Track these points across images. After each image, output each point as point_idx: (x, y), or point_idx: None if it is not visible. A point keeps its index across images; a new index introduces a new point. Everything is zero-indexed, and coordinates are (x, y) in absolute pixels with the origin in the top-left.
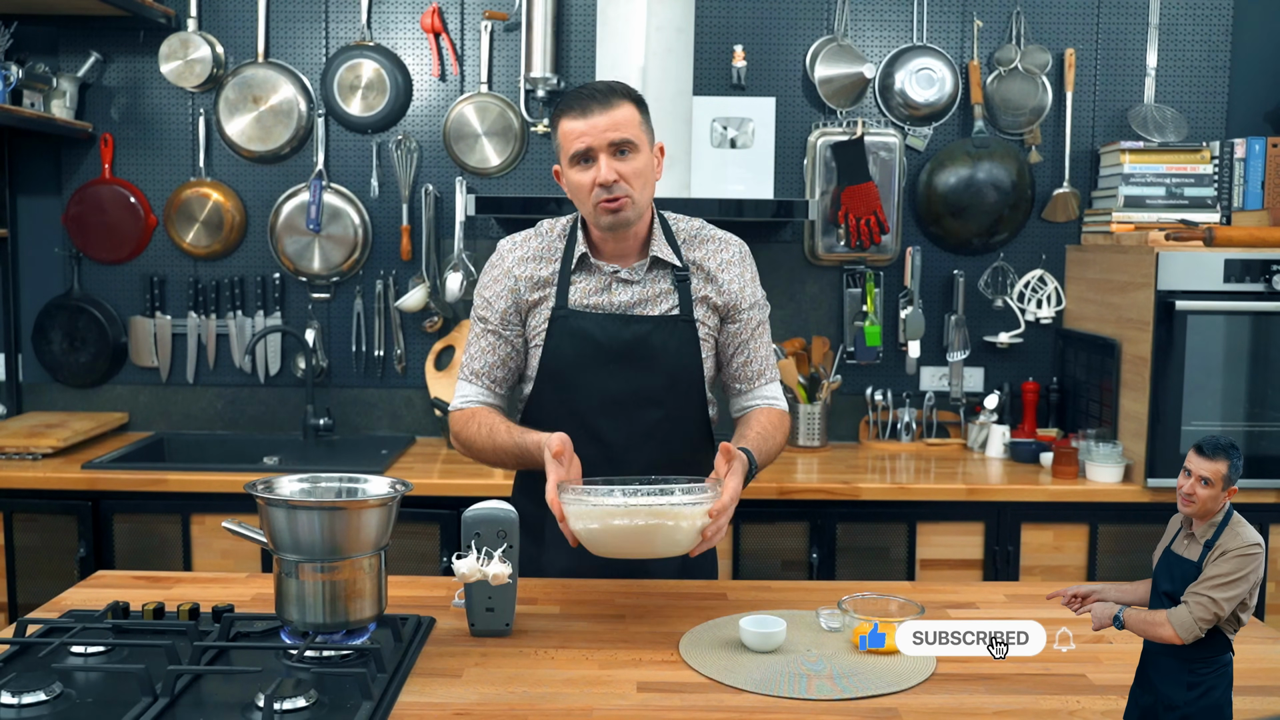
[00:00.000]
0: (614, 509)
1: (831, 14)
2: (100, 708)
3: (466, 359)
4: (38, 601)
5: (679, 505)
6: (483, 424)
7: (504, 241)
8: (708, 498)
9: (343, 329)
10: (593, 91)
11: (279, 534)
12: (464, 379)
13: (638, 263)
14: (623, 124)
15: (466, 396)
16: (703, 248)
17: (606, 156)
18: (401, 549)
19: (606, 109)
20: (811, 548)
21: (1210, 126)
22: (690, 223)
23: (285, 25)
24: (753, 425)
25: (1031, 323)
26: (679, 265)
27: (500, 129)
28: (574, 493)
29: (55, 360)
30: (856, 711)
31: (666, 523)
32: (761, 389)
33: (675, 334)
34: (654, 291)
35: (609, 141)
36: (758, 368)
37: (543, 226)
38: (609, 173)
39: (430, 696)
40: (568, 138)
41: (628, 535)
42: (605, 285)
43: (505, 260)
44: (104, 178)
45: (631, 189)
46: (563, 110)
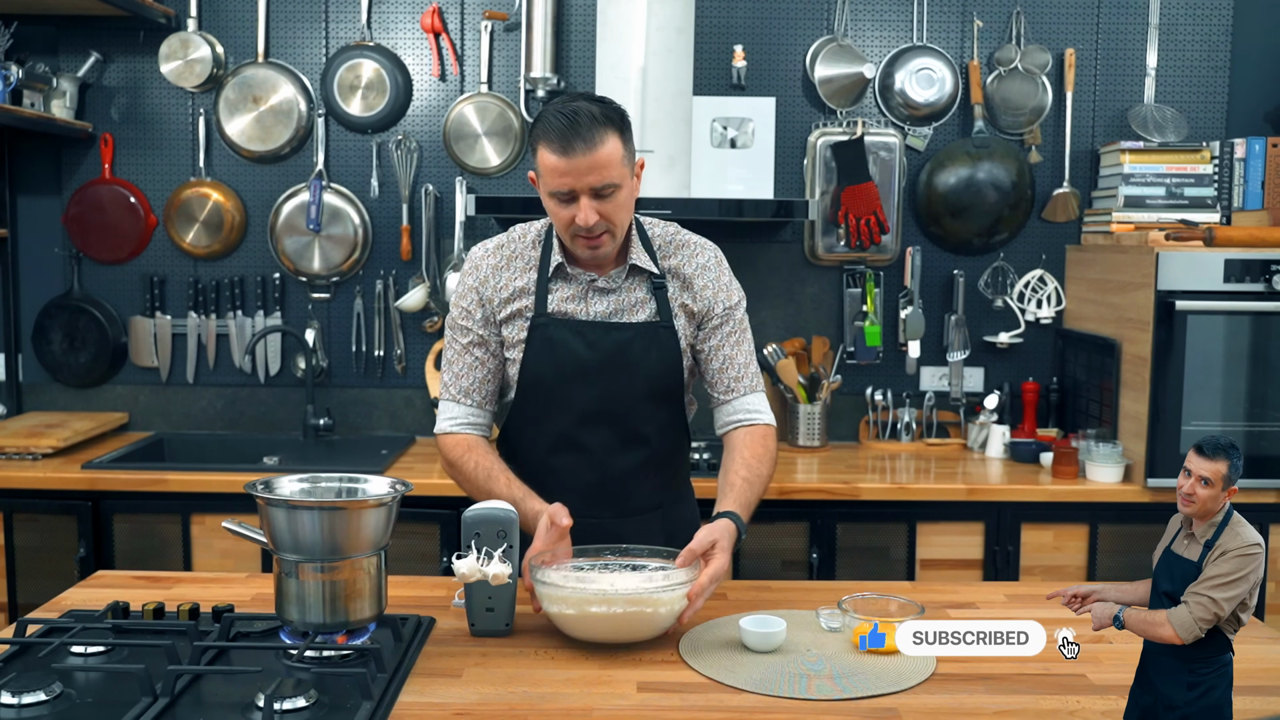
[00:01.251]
0: (592, 596)
1: (831, 14)
2: (100, 708)
3: (450, 377)
4: (38, 601)
5: (657, 592)
6: (480, 465)
7: (476, 249)
8: (684, 583)
9: (343, 329)
10: (574, 123)
11: (279, 534)
12: (450, 399)
13: (614, 270)
14: (605, 164)
15: (455, 419)
16: (678, 254)
17: (587, 198)
18: (401, 549)
19: (590, 148)
20: (811, 548)
21: (1210, 126)
22: (665, 228)
23: (285, 25)
24: (737, 467)
25: (1031, 323)
26: (656, 273)
27: (500, 129)
28: (548, 576)
29: (55, 360)
30: (856, 711)
31: (645, 610)
32: (742, 400)
33: (655, 341)
34: (631, 300)
35: (590, 185)
36: (735, 374)
37: (514, 233)
38: (590, 215)
39: (430, 696)
40: (548, 171)
41: (605, 622)
42: (582, 293)
43: (480, 269)
44: (104, 178)
45: (612, 225)
46: (543, 137)
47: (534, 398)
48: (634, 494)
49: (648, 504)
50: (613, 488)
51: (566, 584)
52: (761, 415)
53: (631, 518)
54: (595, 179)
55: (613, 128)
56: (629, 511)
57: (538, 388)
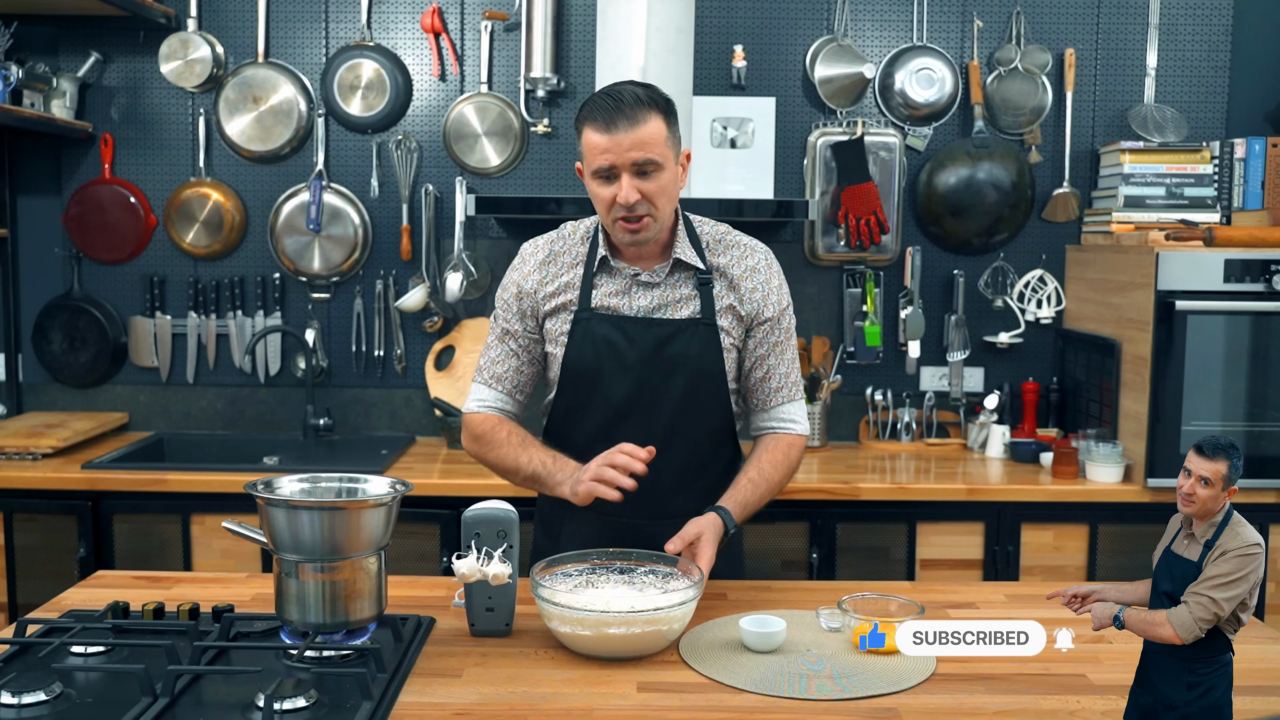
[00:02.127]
0: (608, 618)
1: (831, 14)
2: (100, 708)
3: (486, 361)
4: (38, 601)
5: (667, 610)
6: (513, 433)
7: (526, 245)
8: (693, 600)
9: (343, 329)
10: (619, 102)
11: (279, 534)
12: (482, 382)
13: (659, 265)
14: (649, 142)
15: (485, 401)
16: (727, 253)
17: (629, 176)
18: (401, 549)
19: (633, 125)
20: (811, 548)
21: (1210, 126)
22: (716, 227)
23: (285, 25)
24: (748, 468)
25: (1031, 323)
26: (702, 268)
27: (500, 129)
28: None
29: (55, 360)
30: (856, 711)
31: (661, 628)
32: (779, 409)
33: (697, 338)
34: (675, 295)
35: (632, 161)
36: (775, 385)
37: (565, 229)
38: (631, 193)
39: (430, 696)
40: (591, 149)
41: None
42: (625, 288)
43: (526, 264)
44: (104, 178)
45: (654, 208)
46: (588, 117)
47: (574, 390)
48: (672, 497)
49: (687, 509)
50: (650, 488)
51: (577, 605)
52: (795, 425)
53: (667, 520)
54: (637, 154)
55: (657, 110)
56: (666, 514)
57: (579, 380)
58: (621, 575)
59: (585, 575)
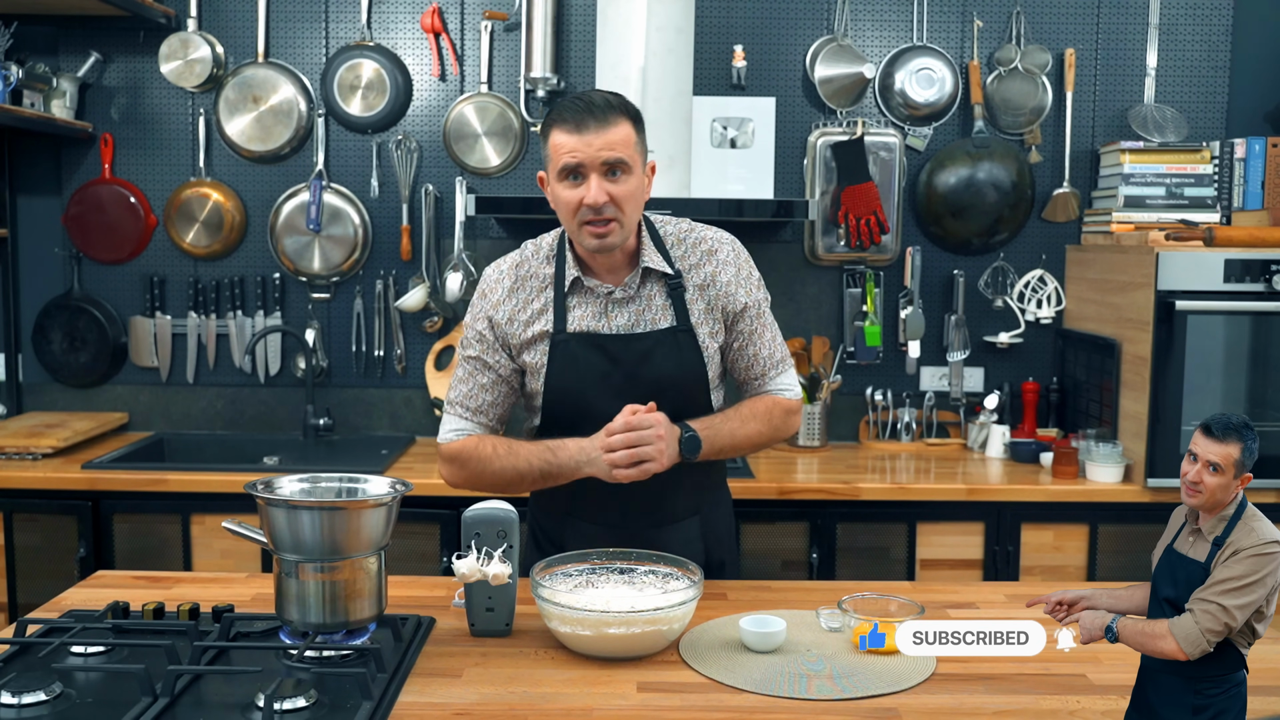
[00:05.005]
0: (608, 618)
1: (831, 14)
2: (100, 708)
3: (459, 395)
4: (38, 601)
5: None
6: (498, 444)
7: (490, 271)
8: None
9: (343, 329)
10: (589, 105)
11: (279, 534)
12: (457, 415)
13: (629, 277)
14: (618, 143)
15: (462, 431)
16: (695, 250)
17: (598, 176)
18: (401, 549)
19: (603, 126)
20: (811, 548)
21: (1210, 126)
22: (678, 224)
23: (285, 25)
24: (727, 409)
25: (1031, 323)
26: (671, 274)
27: (500, 129)
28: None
29: (55, 360)
30: (856, 711)
31: (661, 628)
32: (771, 382)
33: (675, 346)
34: (651, 308)
35: (602, 160)
36: (763, 366)
37: (526, 250)
38: (599, 194)
39: (430, 696)
40: (558, 150)
41: (622, 641)
42: (601, 310)
43: (494, 294)
44: (104, 178)
45: (621, 212)
46: (555, 120)
47: (561, 414)
48: (670, 501)
49: (685, 510)
50: (648, 497)
51: (577, 605)
52: (787, 390)
53: (668, 525)
54: (607, 154)
55: (627, 116)
56: (666, 519)
57: (564, 404)
58: (621, 575)
59: (585, 575)
